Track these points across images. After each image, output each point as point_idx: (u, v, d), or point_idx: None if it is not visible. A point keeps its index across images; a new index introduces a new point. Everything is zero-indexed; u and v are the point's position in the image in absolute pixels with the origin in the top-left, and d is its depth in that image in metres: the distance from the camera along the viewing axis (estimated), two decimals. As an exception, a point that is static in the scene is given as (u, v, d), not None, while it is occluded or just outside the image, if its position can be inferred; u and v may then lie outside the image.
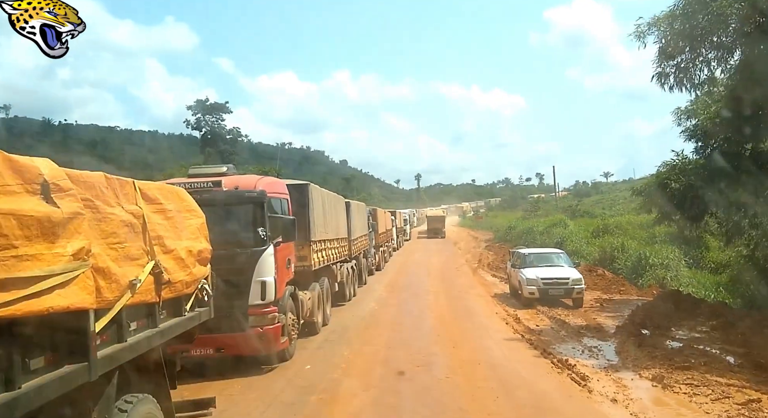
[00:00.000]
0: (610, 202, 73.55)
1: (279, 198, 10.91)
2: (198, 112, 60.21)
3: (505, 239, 47.88)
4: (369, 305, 17.67)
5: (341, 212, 17.71)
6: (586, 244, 32.30)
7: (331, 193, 16.41)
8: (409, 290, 21.35)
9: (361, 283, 22.14)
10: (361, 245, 22.15)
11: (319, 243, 13.67)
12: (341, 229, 17.36)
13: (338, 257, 16.57)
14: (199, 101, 60.52)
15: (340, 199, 18.00)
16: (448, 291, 21.09)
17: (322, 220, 14.17)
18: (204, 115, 60.25)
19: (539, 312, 16.06)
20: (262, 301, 9.85)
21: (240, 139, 68.17)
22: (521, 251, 18.99)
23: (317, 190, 13.97)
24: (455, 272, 28.86)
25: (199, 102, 60.40)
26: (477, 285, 22.94)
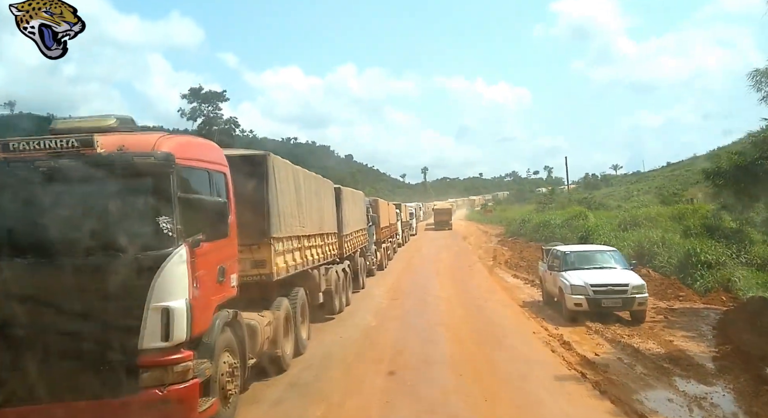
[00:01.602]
0: (625, 195, 69.81)
1: (205, 170, 6.60)
2: (193, 100, 55.89)
3: (518, 233, 43.65)
4: (364, 320, 13.34)
5: (327, 200, 13.39)
6: (615, 238, 27.73)
7: (312, 175, 12.12)
8: (415, 296, 17.02)
9: (357, 287, 17.85)
10: (358, 241, 17.86)
11: (287, 241, 9.37)
12: (327, 222, 13.06)
13: (323, 258, 12.30)
14: (194, 89, 56.18)
15: (326, 184, 13.67)
16: (464, 297, 16.76)
17: (293, 208, 9.87)
18: (200, 104, 55.90)
19: (591, 331, 11.72)
20: (166, 342, 5.59)
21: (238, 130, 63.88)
22: (560, 249, 14.59)
23: (285, 167, 9.64)
24: (468, 271, 24.52)
25: (193, 90, 56.03)
26: (497, 289, 18.60)
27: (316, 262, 11.48)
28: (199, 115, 56.40)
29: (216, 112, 56.72)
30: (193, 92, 55.61)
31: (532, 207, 61.74)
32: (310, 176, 11.75)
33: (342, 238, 14.90)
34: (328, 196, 13.56)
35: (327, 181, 13.80)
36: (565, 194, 65.14)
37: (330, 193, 13.85)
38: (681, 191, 53.29)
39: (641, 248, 23.97)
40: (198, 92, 55.98)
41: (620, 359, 9.51)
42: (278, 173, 8.93)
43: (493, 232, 52.59)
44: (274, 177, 8.67)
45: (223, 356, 6.58)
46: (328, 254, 13.03)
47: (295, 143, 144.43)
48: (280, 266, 8.83)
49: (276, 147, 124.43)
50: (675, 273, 19.15)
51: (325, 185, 13.34)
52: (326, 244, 12.78)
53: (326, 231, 12.84)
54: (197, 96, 55.81)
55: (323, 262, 12.50)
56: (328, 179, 14.27)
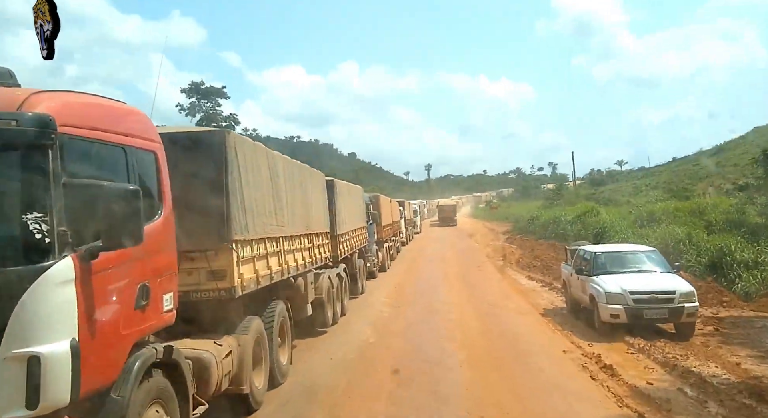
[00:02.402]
0: (632, 190, 67.80)
1: (118, 147, 4.50)
2: (192, 96, 53.69)
3: (527, 230, 41.56)
4: (361, 334, 11.24)
5: (317, 194, 11.28)
6: (633, 235, 25.48)
7: (296, 163, 10.01)
8: (420, 303, 14.90)
9: (355, 292, 15.77)
10: (356, 241, 15.77)
11: (257, 245, 7.26)
12: (317, 220, 10.98)
13: (311, 263, 10.21)
14: (194, 84, 53.93)
15: (316, 176, 11.55)
16: (476, 304, 14.66)
17: (267, 203, 7.77)
18: (199, 99, 53.72)
19: (633, 348, 9.61)
20: (31, 410, 3.50)
21: (240, 128, 61.82)
22: (589, 250, 12.44)
23: (255, 151, 7.50)
24: (477, 272, 22.42)
25: (193, 85, 53.77)
26: (512, 293, 16.48)
27: (301, 268, 9.40)
28: (198, 111, 54.12)
29: (215, 109, 54.54)
30: (193, 87, 53.44)
31: (538, 203, 59.73)
32: (293, 165, 9.66)
33: (336, 238, 12.82)
34: (318, 190, 11.46)
35: (317, 173, 11.70)
36: (571, 190, 63.06)
37: (321, 186, 11.76)
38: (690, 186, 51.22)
39: (665, 246, 21.77)
40: (198, 87, 53.78)
41: (682, 391, 7.38)
42: (243, 158, 6.82)
43: (499, 229, 50.52)
44: (236, 163, 6.57)
45: (148, 412, 4.51)
46: (319, 257, 10.95)
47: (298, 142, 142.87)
48: (246, 278, 6.73)
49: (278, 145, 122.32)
50: (706, 274, 17.04)
51: (314, 177, 11.24)
52: (316, 246, 10.69)
53: (316, 231, 10.75)
54: (197, 91, 53.63)
55: (312, 267, 10.43)
56: (319, 171, 12.19)
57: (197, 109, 53.92)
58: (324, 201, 11.86)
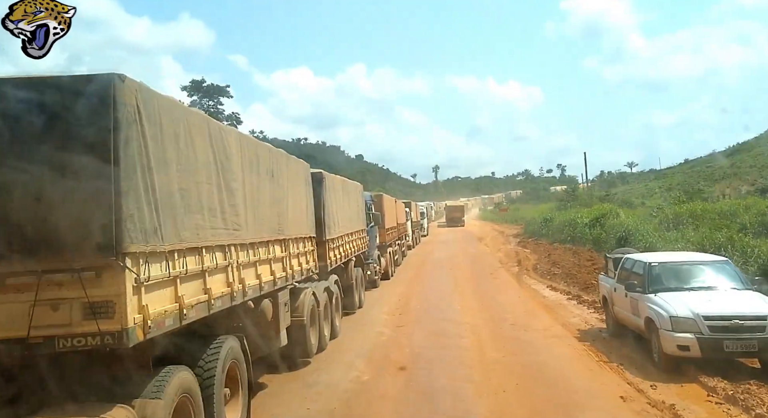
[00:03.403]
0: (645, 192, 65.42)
1: None
2: (194, 93, 51.26)
3: (539, 233, 38.96)
4: (351, 370, 8.60)
5: (296, 187, 8.67)
6: (661, 239, 22.77)
7: (262, 144, 7.51)
8: (428, 322, 12.31)
9: (352, 306, 13.23)
10: (352, 247, 13.23)
11: (179, 258, 4.69)
12: (296, 221, 8.42)
13: (285, 277, 7.67)
14: (195, 82, 51.52)
15: (295, 165, 8.83)
16: (495, 322, 12.08)
17: (204, 195, 5.23)
18: (201, 98, 51.28)
19: (716, 394, 7.01)
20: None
21: (248, 131, 59.25)
22: (640, 260, 9.77)
23: (173, 111, 4.74)
24: (491, 280, 19.84)
25: (195, 83, 51.38)
26: (536, 308, 13.88)
27: (268, 286, 6.88)
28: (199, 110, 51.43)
29: (217, 107, 52.07)
30: (194, 85, 51.06)
31: (549, 205, 57.28)
32: (258, 146, 7.12)
33: (326, 244, 10.29)
34: (299, 184, 8.92)
35: (297, 161, 9.14)
36: (584, 192, 60.44)
37: (303, 178, 9.21)
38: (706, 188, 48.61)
39: (703, 250, 19.25)
40: (200, 85, 51.39)
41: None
42: (154, 121, 4.31)
43: (509, 232, 47.96)
44: (138, 128, 4.06)
45: None
46: (299, 269, 8.42)
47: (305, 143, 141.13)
48: (155, 312, 4.20)
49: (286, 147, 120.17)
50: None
51: (293, 166, 8.67)
52: (294, 255, 8.17)
53: (294, 235, 8.23)
54: (199, 89, 51.24)
55: (289, 283, 7.92)
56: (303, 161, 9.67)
57: (198, 107, 51.36)
58: (308, 198, 9.34)
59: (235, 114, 54.98)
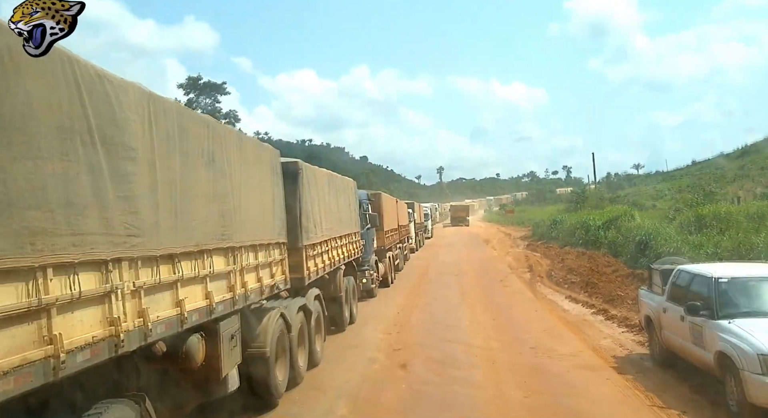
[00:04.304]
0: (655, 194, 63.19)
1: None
2: (190, 91, 49.28)
3: (549, 236, 36.67)
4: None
5: (254, 178, 6.46)
6: (685, 243, 20.37)
7: (194, 114, 5.42)
8: (430, 345, 10.05)
9: (342, 323, 11.09)
10: (341, 253, 11.04)
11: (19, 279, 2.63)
12: (252, 221, 6.28)
13: (228, 300, 5.54)
14: (192, 79, 49.53)
15: (252, 147, 6.65)
16: (513, 345, 9.87)
17: (59, 185, 3.17)
18: (197, 95, 49.31)
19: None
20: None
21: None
22: (701, 273, 7.48)
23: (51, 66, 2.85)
24: (502, 289, 17.67)
25: (191, 80, 49.40)
26: (557, 324, 11.66)
27: (193, 317, 4.73)
28: (195, 108, 49.51)
29: (215, 105, 50.07)
30: (190, 82, 49.12)
31: (557, 208, 55.03)
32: (181, 113, 4.94)
33: (303, 251, 8.13)
34: (259, 174, 6.74)
35: (257, 144, 7.00)
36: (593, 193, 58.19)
37: (265, 167, 7.02)
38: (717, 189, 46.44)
39: (739, 256, 17.02)
40: (196, 82, 49.43)
41: None
42: None
43: (516, 234, 45.75)
44: None
45: None
46: (256, 286, 6.26)
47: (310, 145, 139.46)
48: None
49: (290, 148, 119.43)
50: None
51: (247, 149, 6.42)
52: (248, 268, 6.02)
53: (249, 241, 6.08)
54: (195, 86, 49.24)
55: (234, 308, 5.76)
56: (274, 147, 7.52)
57: (195, 105, 49.31)
58: (275, 193, 7.18)
59: (233, 112, 52.98)
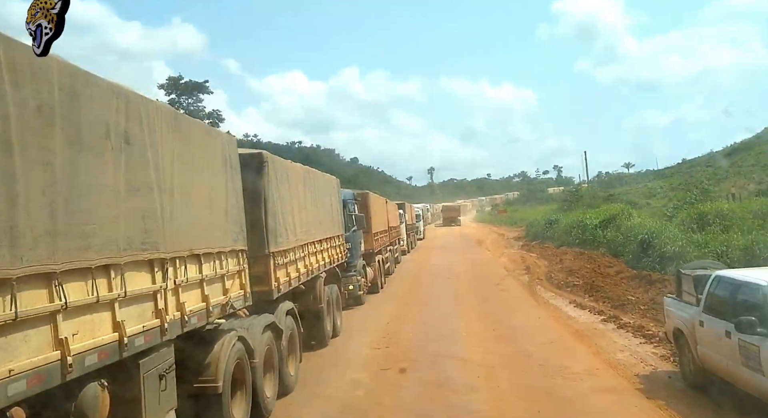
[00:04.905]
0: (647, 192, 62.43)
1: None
2: (171, 92, 47.57)
3: (543, 235, 35.53)
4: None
5: (201, 172, 5.08)
6: (689, 243, 19.07)
7: (55, 60, 4.05)
8: (424, 362, 8.67)
9: (323, 338, 9.73)
10: (322, 259, 9.68)
11: None
12: (200, 224, 4.95)
13: (144, 331, 4.19)
14: (172, 79, 47.81)
15: (197, 133, 5.20)
16: (516, 361, 8.55)
17: None
18: (179, 96, 47.63)
19: None
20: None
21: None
22: (743, 280, 6.13)
23: None
24: (498, 292, 16.41)
25: (171, 80, 47.68)
26: (565, 335, 10.35)
27: (92, 361, 3.39)
28: (178, 108, 47.89)
29: (197, 105, 48.44)
30: (171, 82, 47.41)
31: (551, 207, 53.98)
32: (74, 75, 3.54)
33: (270, 259, 6.78)
34: (206, 164, 5.36)
35: (200, 126, 5.67)
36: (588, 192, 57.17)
37: (215, 156, 5.62)
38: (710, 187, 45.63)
39: (752, 255, 15.84)
40: (177, 83, 47.69)
41: None
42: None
43: (510, 234, 44.64)
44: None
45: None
46: (199, 307, 4.91)
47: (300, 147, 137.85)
48: None
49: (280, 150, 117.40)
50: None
51: (187, 132, 4.99)
52: (188, 284, 4.68)
53: (189, 250, 4.73)
54: (176, 87, 47.57)
55: (164, 338, 4.39)
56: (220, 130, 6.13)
57: (177, 106, 47.67)
58: (230, 190, 5.82)
59: (216, 112, 50.81)
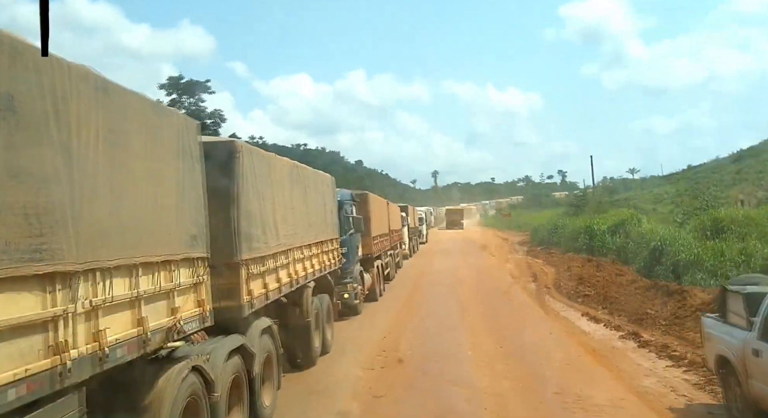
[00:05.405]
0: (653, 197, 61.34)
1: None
2: (172, 92, 46.61)
3: (549, 241, 34.43)
4: None
5: (126, 147, 3.88)
6: (705, 250, 17.74)
7: None
8: (424, 388, 7.55)
9: (310, 357, 8.59)
10: (309, 266, 8.49)
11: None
12: (142, 226, 3.86)
13: (19, 384, 3.08)
14: (173, 79, 46.85)
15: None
16: (530, 387, 7.39)
17: None
18: (180, 95, 46.65)
19: None
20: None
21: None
22: None
23: None
24: (505, 302, 15.27)
25: (172, 80, 46.72)
26: (581, 353, 9.18)
27: None
28: (179, 108, 46.74)
29: (198, 105, 47.39)
30: (172, 82, 46.46)
31: (556, 211, 52.72)
32: None
33: (241, 267, 5.65)
34: (158, 153, 4.26)
35: (161, 110, 4.50)
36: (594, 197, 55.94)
37: (177, 145, 4.53)
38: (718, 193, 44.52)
39: (774, 266, 14.61)
40: (177, 82, 46.76)
41: None
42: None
43: (514, 239, 43.50)
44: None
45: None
46: (130, 334, 3.79)
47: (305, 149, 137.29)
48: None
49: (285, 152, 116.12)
50: None
51: (137, 111, 3.92)
52: (124, 303, 3.56)
53: (127, 257, 3.61)
54: (176, 87, 46.61)
55: (78, 378, 3.28)
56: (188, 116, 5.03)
57: (178, 106, 46.61)
58: (184, 183, 4.69)
59: (218, 111, 49.67)
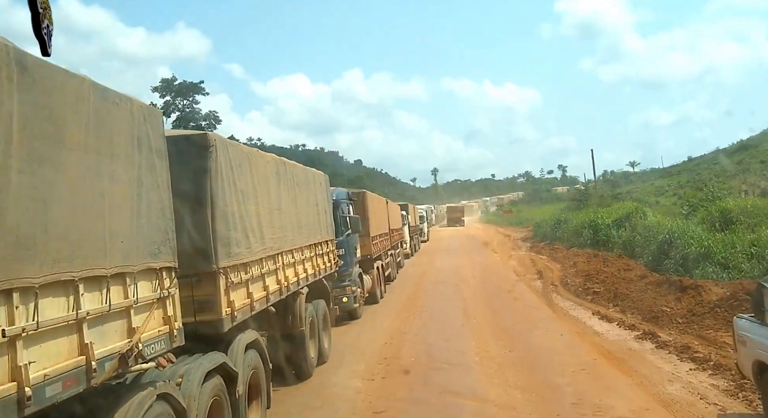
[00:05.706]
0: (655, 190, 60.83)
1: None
2: (165, 94, 45.84)
3: (552, 236, 33.68)
4: None
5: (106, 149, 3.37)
6: (715, 242, 17.04)
7: None
8: (428, 402, 6.91)
9: (304, 370, 7.91)
10: (302, 271, 7.84)
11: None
12: (85, 233, 3.20)
13: None
14: (166, 81, 45.99)
15: (115, 101, 3.55)
16: (545, 397, 6.73)
17: None
18: (174, 97, 45.84)
19: None
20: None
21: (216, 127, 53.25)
22: None
23: None
24: (511, 301, 14.61)
25: (165, 82, 45.87)
26: (596, 357, 8.50)
27: None
28: (173, 110, 46.03)
29: (193, 107, 46.57)
30: (165, 84, 45.61)
31: (558, 206, 52.16)
32: None
33: (219, 277, 5.00)
34: (108, 146, 3.58)
35: (112, 96, 3.80)
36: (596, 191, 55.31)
37: (131, 136, 3.84)
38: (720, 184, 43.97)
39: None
40: (171, 84, 45.89)
41: None
42: None
43: (516, 235, 42.89)
44: None
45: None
46: (85, 363, 3.15)
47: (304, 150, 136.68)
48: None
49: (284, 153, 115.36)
50: None
51: (80, 100, 3.26)
52: (67, 326, 2.90)
53: (66, 271, 2.97)
54: (170, 89, 45.81)
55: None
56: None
57: (173, 108, 45.86)
58: (144, 182, 4.01)
59: (212, 113, 49.06)
